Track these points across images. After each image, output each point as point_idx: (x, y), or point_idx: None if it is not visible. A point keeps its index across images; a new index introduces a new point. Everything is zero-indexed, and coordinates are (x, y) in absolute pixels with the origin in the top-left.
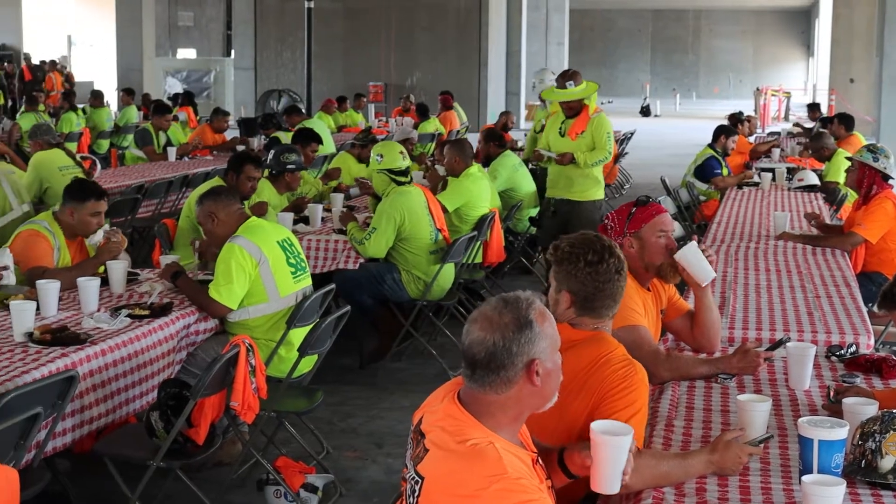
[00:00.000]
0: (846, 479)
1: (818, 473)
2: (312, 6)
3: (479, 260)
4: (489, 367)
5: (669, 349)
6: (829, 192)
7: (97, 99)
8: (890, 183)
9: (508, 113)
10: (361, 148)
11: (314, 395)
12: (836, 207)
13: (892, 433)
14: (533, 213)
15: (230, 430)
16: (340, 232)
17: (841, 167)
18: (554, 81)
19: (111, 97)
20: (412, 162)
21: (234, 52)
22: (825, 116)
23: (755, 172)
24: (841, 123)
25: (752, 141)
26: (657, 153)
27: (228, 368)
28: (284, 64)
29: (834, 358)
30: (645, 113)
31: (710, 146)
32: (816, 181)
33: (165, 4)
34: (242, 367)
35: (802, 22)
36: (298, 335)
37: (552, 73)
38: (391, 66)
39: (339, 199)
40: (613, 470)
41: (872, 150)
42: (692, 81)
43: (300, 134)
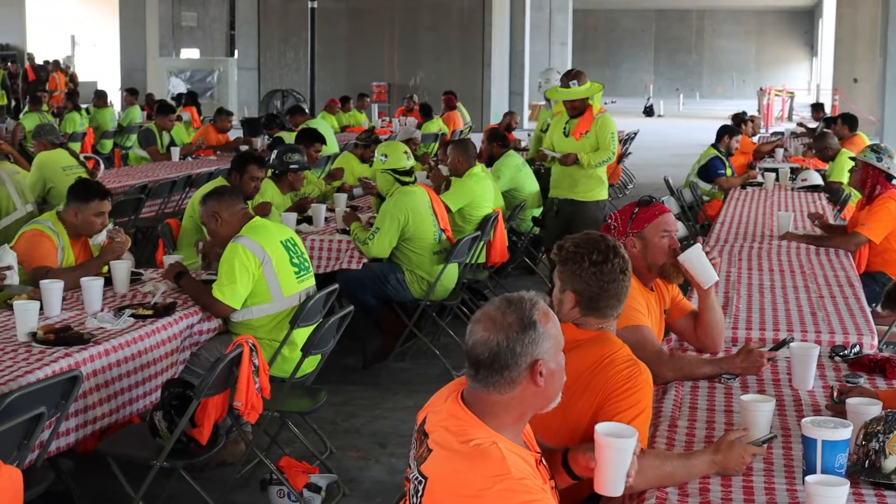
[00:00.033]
0: (850, 479)
1: (822, 474)
2: (316, 6)
3: (482, 260)
4: (493, 367)
5: (673, 349)
6: (832, 192)
7: (101, 99)
8: (894, 183)
9: (512, 113)
10: (364, 148)
11: (317, 395)
12: (839, 207)
13: (895, 433)
14: (536, 213)
15: (233, 429)
16: (344, 232)
17: (844, 167)
18: (559, 81)
19: (115, 97)
20: (416, 162)
21: (237, 52)
22: (829, 116)
23: (759, 172)
24: (844, 123)
25: (755, 141)
26: (660, 153)
27: (232, 368)
28: (288, 64)
29: (837, 358)
30: (648, 113)
31: (713, 146)
32: (820, 181)
33: (169, 4)
34: (246, 367)
35: (806, 22)
36: (302, 335)
37: (558, 72)
38: (395, 66)
39: (342, 199)
40: (617, 472)
41: (876, 150)
42: (695, 81)
43: (304, 134)
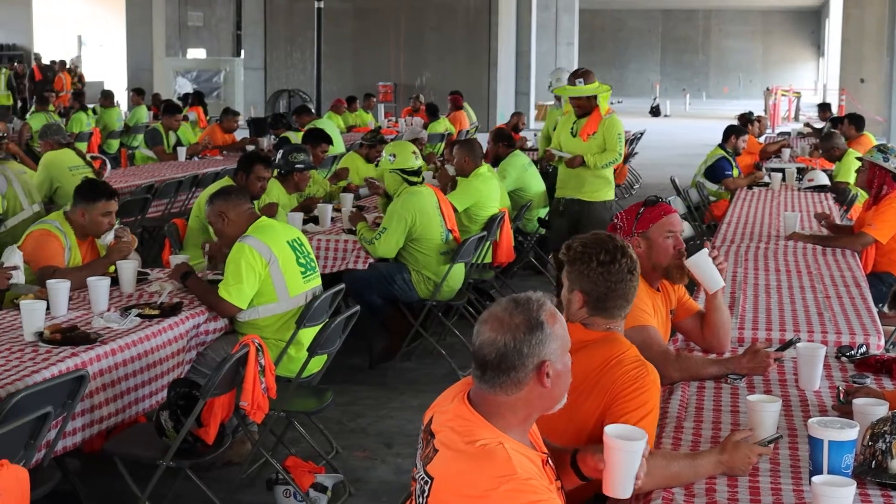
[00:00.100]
0: (856, 479)
1: (828, 474)
2: (322, 6)
3: (488, 260)
4: (500, 368)
5: (679, 349)
6: (839, 192)
7: (107, 99)
8: None
9: (520, 114)
10: (369, 148)
11: (324, 394)
12: (846, 208)
13: None
14: (542, 213)
15: (240, 429)
16: (350, 232)
17: (851, 167)
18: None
19: (121, 97)
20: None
21: (243, 52)
22: (835, 116)
23: (765, 173)
24: (851, 123)
25: (761, 141)
26: (667, 153)
27: (238, 368)
28: (294, 64)
29: (844, 358)
30: (655, 113)
31: (720, 146)
32: (827, 181)
33: (175, 4)
34: (252, 366)
35: (813, 22)
36: (308, 335)
37: (567, 71)
38: (401, 66)
39: (348, 198)
40: (626, 474)
41: (883, 150)
42: (702, 81)
43: (310, 134)
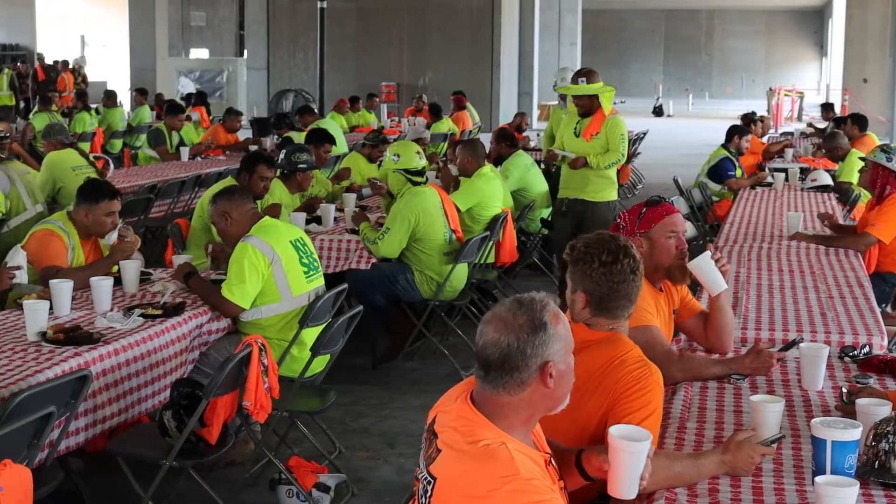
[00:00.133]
0: (859, 480)
1: (831, 474)
2: (325, 6)
3: (491, 260)
4: (503, 368)
5: (682, 349)
6: (842, 192)
7: (110, 99)
8: None
9: (523, 114)
10: (372, 148)
11: (326, 394)
12: (849, 208)
13: None
14: (545, 213)
15: (242, 429)
16: (353, 232)
17: (854, 167)
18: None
19: (124, 97)
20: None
21: (246, 52)
22: (838, 116)
23: (769, 173)
24: (854, 123)
25: (764, 141)
26: (670, 153)
27: (241, 368)
28: (297, 64)
29: (847, 359)
30: (658, 113)
31: (723, 146)
32: (829, 181)
33: (178, 4)
34: (255, 366)
35: (815, 22)
36: (311, 335)
37: (572, 71)
38: (403, 66)
39: (351, 198)
40: (631, 475)
41: (886, 150)
42: (705, 81)
43: (313, 134)
